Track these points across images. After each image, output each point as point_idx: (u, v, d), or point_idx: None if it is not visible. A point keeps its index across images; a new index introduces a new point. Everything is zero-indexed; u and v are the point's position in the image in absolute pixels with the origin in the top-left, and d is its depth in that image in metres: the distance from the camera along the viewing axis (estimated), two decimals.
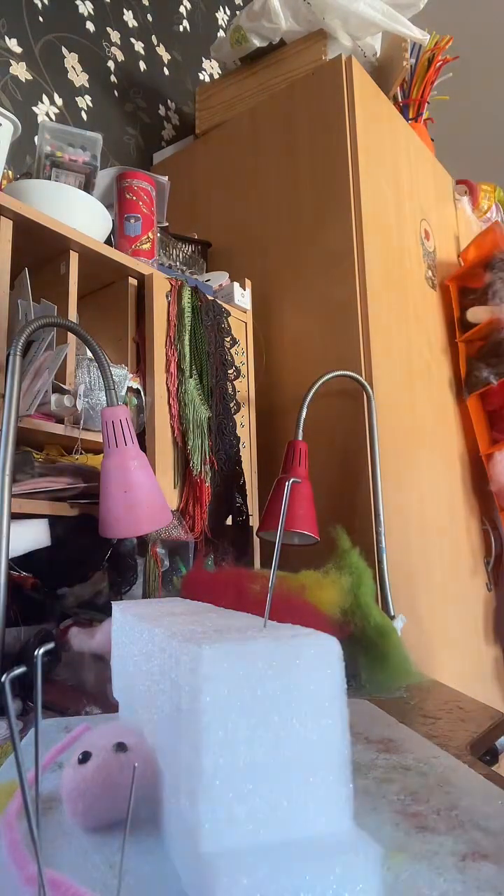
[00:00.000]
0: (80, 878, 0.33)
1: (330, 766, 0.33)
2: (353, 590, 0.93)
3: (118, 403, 0.93)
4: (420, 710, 0.80)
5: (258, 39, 1.60)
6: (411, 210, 1.60)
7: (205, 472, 1.12)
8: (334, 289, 1.38)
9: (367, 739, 0.59)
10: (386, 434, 1.29)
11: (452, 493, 1.55)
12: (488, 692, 1.53)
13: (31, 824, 0.29)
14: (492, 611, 1.62)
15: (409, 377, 1.46)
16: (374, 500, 1.23)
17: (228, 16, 2.43)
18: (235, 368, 1.26)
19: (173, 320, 1.15)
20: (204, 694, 0.32)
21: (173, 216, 1.57)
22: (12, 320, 0.98)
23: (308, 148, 1.47)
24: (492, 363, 1.62)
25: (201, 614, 0.47)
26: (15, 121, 1.06)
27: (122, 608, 0.53)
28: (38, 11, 1.64)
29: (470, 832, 0.40)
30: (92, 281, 1.16)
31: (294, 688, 0.33)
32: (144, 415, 1.10)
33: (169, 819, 0.38)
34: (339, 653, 0.34)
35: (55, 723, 0.63)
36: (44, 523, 0.94)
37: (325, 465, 1.30)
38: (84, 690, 0.80)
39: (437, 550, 1.43)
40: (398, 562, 1.26)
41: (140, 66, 1.96)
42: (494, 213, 2.03)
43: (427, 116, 1.87)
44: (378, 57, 1.65)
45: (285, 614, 0.45)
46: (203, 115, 1.73)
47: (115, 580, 1.00)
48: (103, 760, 0.40)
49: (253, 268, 1.50)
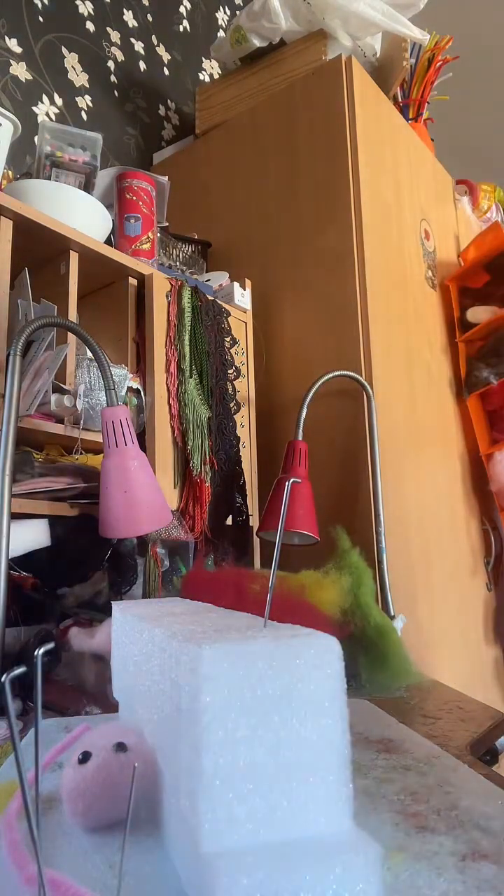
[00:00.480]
0: (80, 878, 0.33)
1: (330, 767, 0.33)
2: (353, 590, 0.93)
3: (118, 403, 0.93)
4: (420, 710, 0.80)
5: (258, 39, 1.60)
6: (411, 210, 1.60)
7: (205, 472, 1.12)
8: (334, 289, 1.38)
9: (367, 739, 0.60)
10: (386, 434, 1.29)
11: (452, 493, 1.55)
12: (488, 692, 1.53)
13: (31, 824, 0.29)
14: (492, 611, 1.62)
15: (409, 377, 1.46)
16: (374, 500, 1.23)
17: (228, 16, 2.43)
18: (235, 368, 1.26)
19: (173, 320, 1.15)
20: (204, 694, 0.32)
21: (173, 216, 1.57)
22: (12, 320, 0.98)
23: (308, 148, 1.47)
24: (492, 363, 1.62)
25: (201, 614, 0.47)
26: (15, 121, 1.06)
27: (122, 608, 0.53)
28: (38, 11, 1.64)
29: (470, 832, 0.40)
30: (92, 281, 1.16)
31: (294, 688, 0.33)
32: (144, 415, 1.11)
33: (169, 819, 0.38)
34: (339, 653, 0.34)
35: (55, 723, 0.63)
36: (44, 523, 0.94)
37: (325, 465, 1.30)
38: (84, 690, 0.80)
39: (437, 550, 1.43)
40: (398, 562, 1.26)
41: (140, 66, 1.96)
42: (494, 213, 2.03)
43: (427, 116, 1.87)
44: (378, 57, 1.65)
45: (285, 614, 0.45)
46: (203, 115, 1.73)
47: (115, 580, 1.00)
48: (103, 760, 0.40)
49: (253, 268, 1.50)
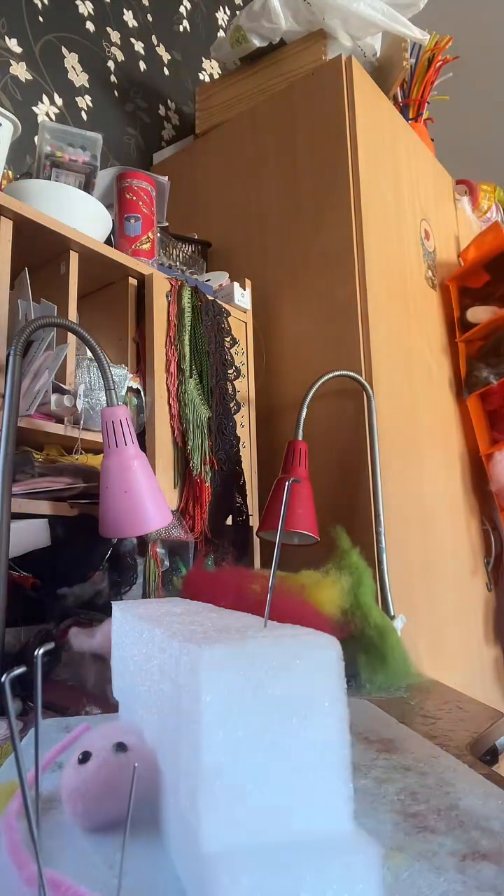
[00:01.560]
0: (80, 878, 0.33)
1: (330, 767, 0.33)
2: (353, 590, 0.93)
3: (118, 403, 0.93)
4: (420, 710, 0.80)
5: (258, 39, 1.60)
6: (411, 210, 1.60)
7: (205, 472, 1.12)
8: (334, 289, 1.38)
9: (367, 739, 0.60)
10: (386, 434, 1.29)
11: (452, 493, 1.55)
12: (488, 692, 1.53)
13: (31, 824, 0.29)
14: (492, 611, 1.62)
15: (409, 377, 1.46)
16: (374, 500, 1.23)
17: (228, 16, 2.43)
18: (235, 368, 1.26)
19: (173, 320, 1.15)
20: (204, 694, 0.32)
21: (173, 216, 1.57)
22: (12, 320, 0.98)
23: (308, 148, 1.47)
24: (492, 363, 1.62)
25: (201, 614, 0.47)
26: (15, 121, 1.06)
27: (122, 608, 0.53)
28: (38, 11, 1.64)
29: (470, 832, 0.40)
30: (92, 281, 1.16)
31: (294, 688, 0.33)
32: (144, 415, 1.11)
33: (169, 819, 0.38)
34: (339, 653, 0.34)
35: (55, 723, 0.63)
36: (44, 523, 0.94)
37: (325, 465, 1.30)
38: (84, 690, 0.80)
39: (437, 550, 1.43)
40: (398, 562, 1.26)
41: (140, 66, 1.96)
42: (494, 213, 2.03)
43: (427, 116, 1.87)
44: (378, 57, 1.65)
45: (285, 614, 0.45)
46: (203, 115, 1.73)
47: (115, 580, 1.00)
48: (103, 760, 0.40)
49: (253, 268, 1.50)
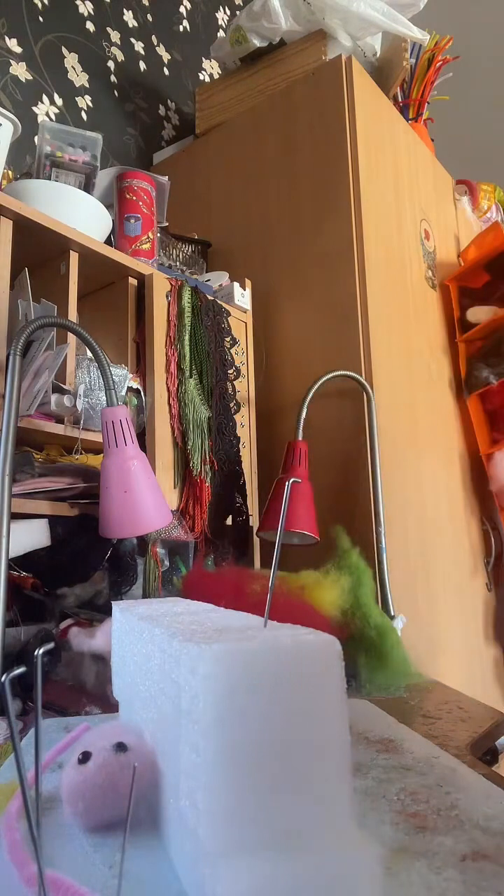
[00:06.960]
0: (80, 878, 0.33)
1: (330, 766, 0.33)
2: (353, 590, 0.93)
3: (118, 403, 0.93)
4: (420, 710, 0.80)
5: (258, 39, 1.60)
6: (411, 210, 1.60)
7: (205, 472, 1.12)
8: (334, 289, 1.38)
9: (367, 739, 0.59)
10: (386, 434, 1.29)
11: (452, 493, 1.55)
12: (488, 692, 1.53)
13: (31, 824, 0.29)
14: (492, 611, 1.62)
15: (409, 377, 1.46)
16: (374, 500, 1.23)
17: (228, 16, 2.43)
18: (235, 368, 1.26)
19: (173, 320, 1.15)
20: (204, 694, 0.32)
21: (173, 216, 1.57)
22: (12, 320, 0.98)
23: (308, 148, 1.47)
24: (492, 363, 1.62)
25: (201, 614, 0.47)
26: (15, 121, 1.06)
27: (122, 608, 0.53)
28: (38, 11, 1.64)
29: (470, 832, 0.40)
30: (92, 281, 1.16)
31: (294, 688, 0.33)
32: (144, 415, 1.10)
33: (169, 819, 0.38)
34: (339, 653, 0.34)
35: (55, 723, 0.63)
36: (44, 523, 0.94)
37: (325, 465, 1.30)
38: (84, 690, 0.80)
39: (437, 550, 1.43)
40: (398, 562, 1.26)
41: (140, 66, 1.96)
42: (494, 213, 2.03)
43: (427, 116, 1.87)
44: (378, 57, 1.65)
45: (285, 614, 0.45)
46: (203, 115, 1.73)
47: (115, 580, 1.00)
48: (103, 760, 0.40)
49: (253, 268, 1.50)
